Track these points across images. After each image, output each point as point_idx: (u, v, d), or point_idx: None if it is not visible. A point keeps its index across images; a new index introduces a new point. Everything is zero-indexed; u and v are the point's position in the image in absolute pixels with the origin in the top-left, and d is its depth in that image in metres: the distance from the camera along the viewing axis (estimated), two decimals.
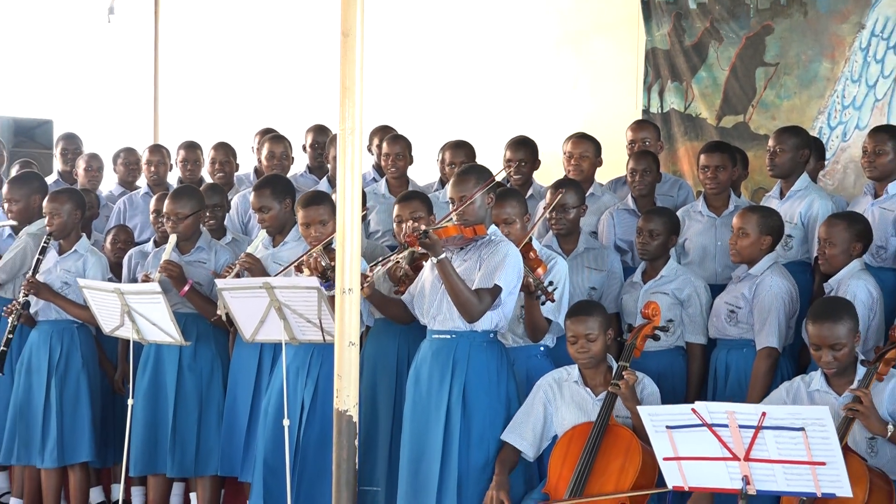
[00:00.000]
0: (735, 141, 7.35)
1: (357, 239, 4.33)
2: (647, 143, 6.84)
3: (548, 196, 5.89)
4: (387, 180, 7.02)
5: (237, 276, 5.61)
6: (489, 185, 4.99)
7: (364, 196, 6.09)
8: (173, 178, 7.92)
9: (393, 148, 6.99)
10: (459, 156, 6.76)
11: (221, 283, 5.23)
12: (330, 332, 4.88)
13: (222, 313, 5.30)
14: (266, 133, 7.87)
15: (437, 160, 7.06)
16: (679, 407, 4.02)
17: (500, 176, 5.53)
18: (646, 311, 5.12)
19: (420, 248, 4.94)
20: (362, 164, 4.61)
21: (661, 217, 5.71)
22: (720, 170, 6.11)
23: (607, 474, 4.68)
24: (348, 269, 4.31)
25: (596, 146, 6.69)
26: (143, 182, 7.94)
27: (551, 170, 6.88)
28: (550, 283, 5.08)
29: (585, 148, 6.64)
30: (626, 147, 6.94)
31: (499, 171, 5.42)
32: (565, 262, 5.38)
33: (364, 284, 4.72)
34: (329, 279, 4.93)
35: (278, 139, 7.53)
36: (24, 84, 11.01)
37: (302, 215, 5.47)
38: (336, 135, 4.53)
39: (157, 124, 11.67)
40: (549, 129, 7.90)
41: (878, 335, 5.18)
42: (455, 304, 4.88)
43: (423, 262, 5.19)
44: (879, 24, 7.23)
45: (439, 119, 9.31)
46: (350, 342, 4.31)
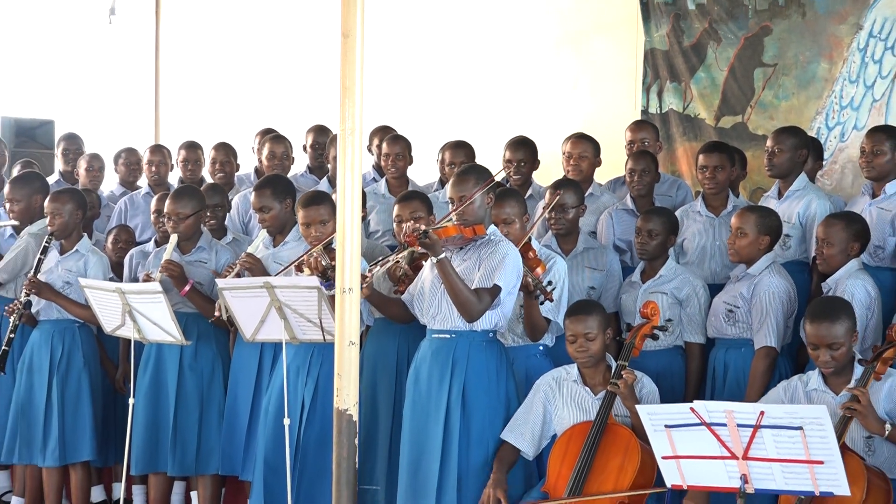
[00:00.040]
0: (733, 141, 7.35)
1: (357, 239, 4.34)
2: (645, 144, 6.86)
3: (547, 196, 5.90)
4: (387, 180, 7.03)
5: (238, 275, 5.61)
6: (489, 185, 4.99)
7: (364, 196, 6.11)
8: (174, 178, 7.92)
9: (393, 148, 7.00)
10: (459, 156, 6.77)
11: (222, 282, 5.24)
12: (330, 332, 4.89)
13: (222, 314, 5.32)
14: (267, 133, 7.87)
15: (437, 160, 7.07)
16: (678, 406, 4.03)
17: (500, 176, 5.54)
18: (644, 311, 5.14)
19: (420, 248, 4.95)
20: (362, 165, 4.61)
21: (659, 217, 5.72)
22: (719, 170, 6.12)
23: (606, 473, 4.68)
24: (348, 268, 4.31)
25: (595, 146, 6.71)
26: (144, 182, 7.95)
27: (551, 170, 6.89)
28: (549, 282, 5.09)
29: (584, 148, 6.66)
30: (625, 147, 6.96)
31: (498, 171, 5.43)
32: (564, 262, 5.39)
33: (362, 285, 4.73)
34: (329, 279, 4.93)
35: (279, 139, 7.53)
36: (25, 84, 11.00)
37: (302, 215, 5.48)
38: (336, 135, 4.53)
39: (158, 124, 11.66)
40: (549, 129, 7.90)
41: (875, 334, 5.19)
42: (455, 303, 4.89)
43: (423, 262, 5.19)
44: (877, 24, 7.23)
45: (439, 119, 9.31)
46: (350, 341, 4.31)
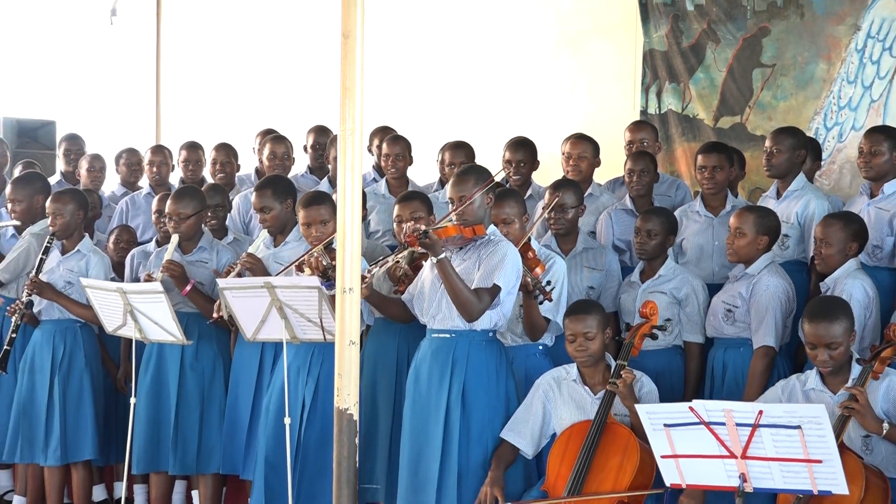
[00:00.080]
0: (732, 141, 7.35)
1: (357, 239, 4.35)
2: (644, 144, 6.87)
3: (546, 196, 5.92)
4: (387, 181, 7.03)
5: (238, 275, 5.63)
6: (488, 186, 5.01)
7: (364, 196, 6.12)
8: (175, 178, 7.93)
9: (393, 148, 7.00)
10: (459, 156, 6.77)
11: (223, 282, 5.26)
12: (330, 332, 4.91)
13: (224, 314, 5.33)
14: (267, 134, 7.88)
15: (437, 161, 7.08)
16: (677, 405, 4.04)
17: (500, 176, 5.55)
18: (644, 311, 5.15)
19: (420, 248, 4.96)
20: (362, 165, 4.63)
21: (658, 217, 5.74)
22: (717, 170, 6.13)
23: (605, 472, 4.69)
24: (348, 268, 4.32)
25: (594, 147, 6.72)
26: (145, 182, 7.97)
27: (550, 170, 6.91)
28: (549, 282, 5.10)
29: (584, 148, 6.67)
30: (624, 148, 6.96)
31: (498, 171, 5.44)
32: (564, 262, 5.40)
33: (362, 285, 4.75)
34: (330, 279, 4.93)
35: (279, 140, 7.54)
36: (27, 85, 11.02)
37: (303, 215, 5.50)
38: (336, 135, 4.54)
39: (159, 125, 11.67)
40: (548, 129, 7.91)
41: (873, 334, 5.19)
42: (454, 303, 4.90)
43: (423, 262, 5.20)
44: (875, 25, 7.23)
45: (439, 119, 9.32)
46: (350, 341, 4.32)
